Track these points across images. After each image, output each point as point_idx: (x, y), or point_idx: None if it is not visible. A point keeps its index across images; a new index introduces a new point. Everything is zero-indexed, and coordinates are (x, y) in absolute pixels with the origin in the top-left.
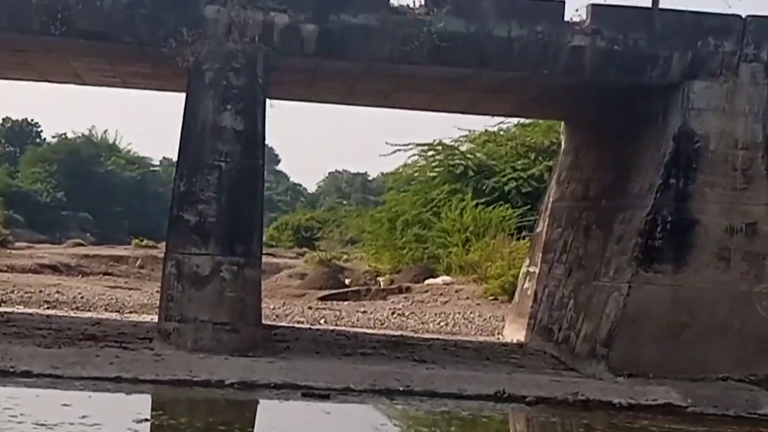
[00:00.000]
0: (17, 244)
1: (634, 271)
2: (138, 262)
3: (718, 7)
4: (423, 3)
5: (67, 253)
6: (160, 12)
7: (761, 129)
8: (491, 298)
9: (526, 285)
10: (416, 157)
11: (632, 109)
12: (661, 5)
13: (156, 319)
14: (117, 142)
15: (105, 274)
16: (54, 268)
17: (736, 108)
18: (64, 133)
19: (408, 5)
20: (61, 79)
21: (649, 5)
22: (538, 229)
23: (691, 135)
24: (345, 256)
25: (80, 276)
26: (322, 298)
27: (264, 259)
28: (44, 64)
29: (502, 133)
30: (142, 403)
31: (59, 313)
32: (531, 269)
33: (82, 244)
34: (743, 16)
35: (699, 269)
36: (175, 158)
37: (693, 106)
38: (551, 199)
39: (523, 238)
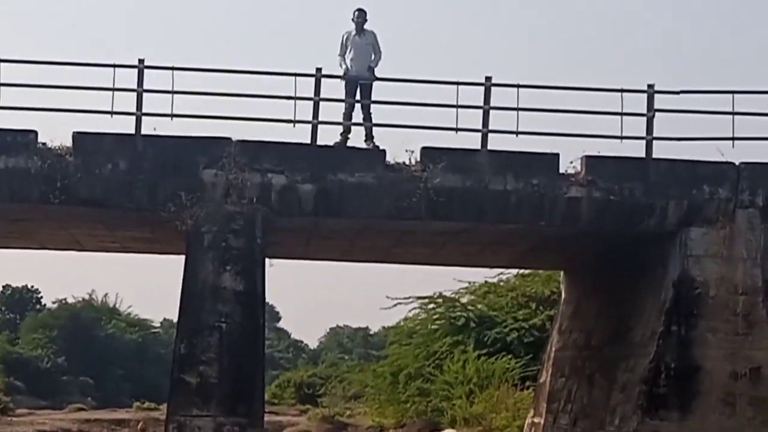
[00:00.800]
0: (18, 411)
1: (639, 419)
2: (140, 425)
3: (711, 156)
4: (419, 160)
5: (69, 419)
6: (158, 177)
7: (760, 273)
8: None
9: None
10: (417, 310)
11: (631, 258)
12: (655, 155)
13: None
14: (117, 306)
15: None
16: None
17: (734, 254)
18: (65, 299)
19: (404, 162)
20: (60, 246)
21: (643, 155)
22: (542, 379)
23: (691, 281)
24: (348, 412)
25: None
26: None
27: (266, 417)
28: (43, 232)
29: (502, 284)
30: None
31: None
32: (536, 420)
33: (83, 409)
34: (737, 163)
35: (705, 416)
36: (175, 319)
37: (691, 253)
38: (554, 349)
39: (527, 389)
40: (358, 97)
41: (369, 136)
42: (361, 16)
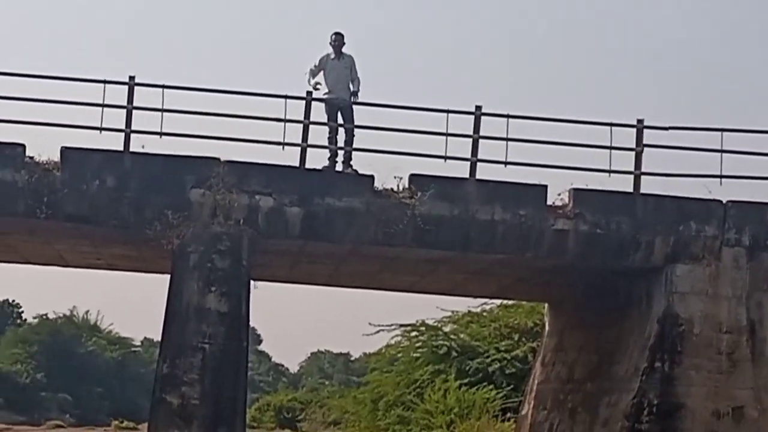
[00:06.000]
0: None
1: None
2: None
3: (699, 193)
4: (407, 186)
5: None
6: (146, 196)
7: (745, 312)
8: None
9: None
10: (399, 338)
11: (616, 292)
12: (642, 190)
13: None
14: (98, 323)
15: None
16: None
17: (719, 291)
18: (45, 314)
19: (392, 189)
20: (44, 261)
21: (631, 190)
22: (524, 412)
23: (676, 318)
24: None
25: None
26: None
27: None
28: (28, 246)
29: (485, 314)
30: None
31: None
32: None
33: (61, 426)
34: (724, 201)
35: None
36: (156, 338)
37: (676, 290)
38: (536, 381)
39: (508, 420)
40: (340, 120)
41: (347, 161)
42: (338, 39)
